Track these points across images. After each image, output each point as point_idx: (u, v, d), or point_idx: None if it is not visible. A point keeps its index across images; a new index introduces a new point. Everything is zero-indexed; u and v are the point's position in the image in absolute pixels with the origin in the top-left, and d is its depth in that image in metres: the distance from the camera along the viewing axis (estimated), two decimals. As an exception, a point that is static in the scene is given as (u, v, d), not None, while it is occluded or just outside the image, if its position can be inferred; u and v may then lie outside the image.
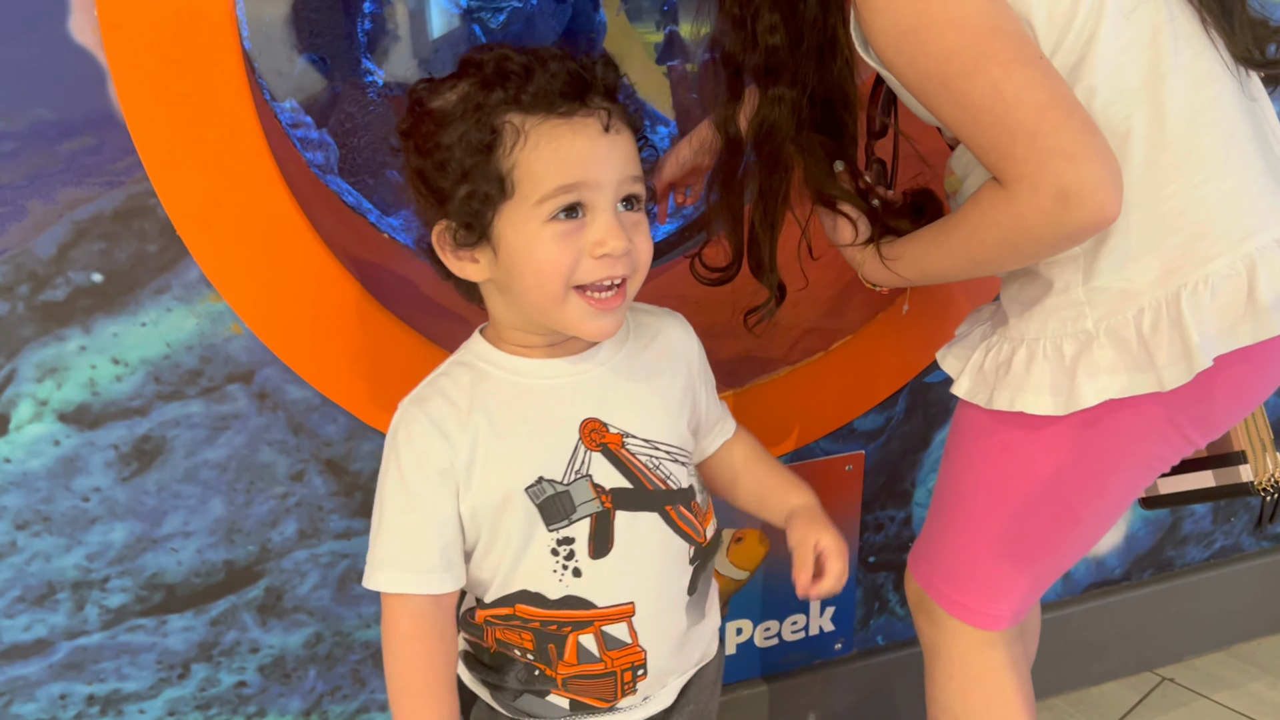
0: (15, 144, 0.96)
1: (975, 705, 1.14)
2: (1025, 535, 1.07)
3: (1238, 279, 0.92)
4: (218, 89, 0.99)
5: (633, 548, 0.92)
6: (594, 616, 0.92)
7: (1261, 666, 1.77)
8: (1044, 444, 1.01)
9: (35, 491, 1.07)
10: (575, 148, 0.84)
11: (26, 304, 1.01)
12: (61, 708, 1.15)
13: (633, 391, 0.95)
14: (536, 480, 0.89)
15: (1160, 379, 0.93)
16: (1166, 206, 0.93)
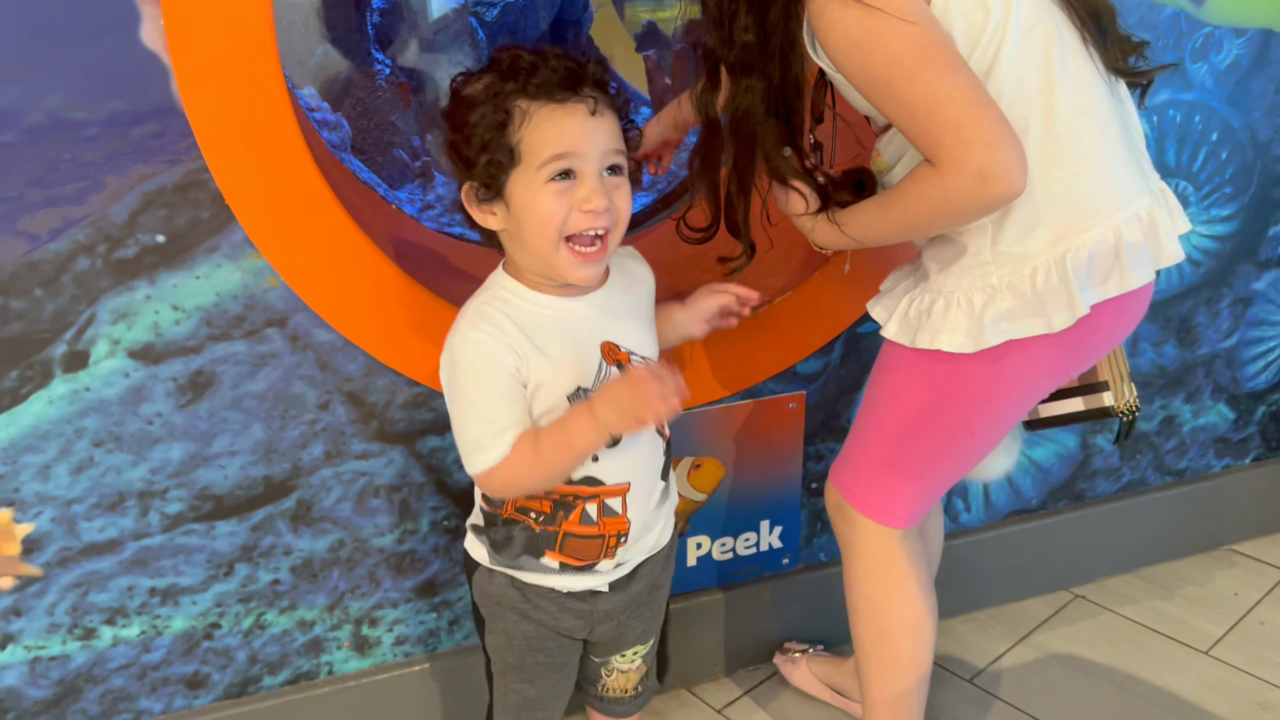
0: (96, 130, 1.18)
1: (883, 589, 1.38)
2: (931, 447, 1.31)
3: (1108, 244, 1.15)
4: (259, 85, 1.21)
5: (634, 440, 1.16)
6: (601, 492, 1.17)
7: (1163, 586, 2.00)
8: (955, 375, 1.24)
9: (109, 416, 1.30)
10: (567, 125, 1.07)
11: (104, 260, 1.23)
12: (129, 597, 1.38)
13: (628, 319, 1.20)
14: (576, 390, 1.13)
15: (1050, 322, 1.16)
16: (1056, 188, 1.15)
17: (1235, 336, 1.92)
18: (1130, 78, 1.24)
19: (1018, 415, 1.33)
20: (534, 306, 1.14)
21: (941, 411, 1.28)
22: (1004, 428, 1.32)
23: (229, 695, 1.48)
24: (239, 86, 1.20)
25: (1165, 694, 1.72)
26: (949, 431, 1.29)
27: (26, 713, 1.38)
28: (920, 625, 1.39)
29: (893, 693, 1.41)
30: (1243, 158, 1.77)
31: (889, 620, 1.39)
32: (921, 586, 1.38)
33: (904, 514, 1.34)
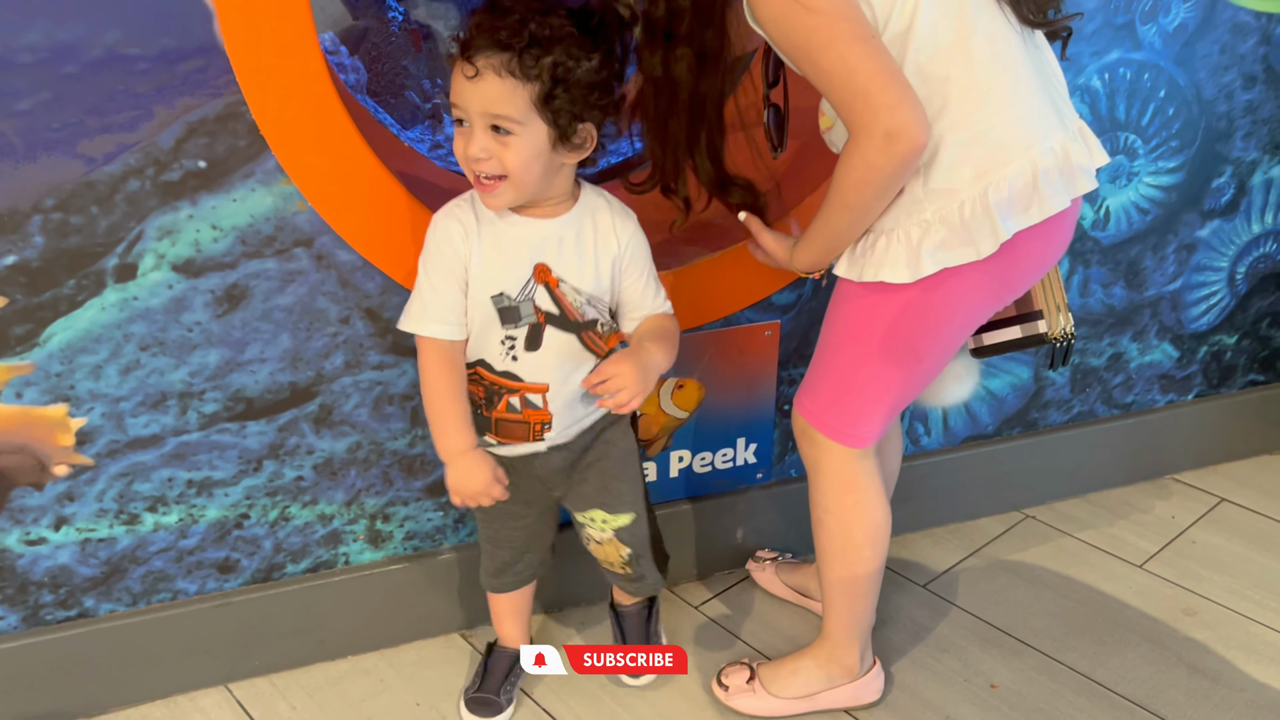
0: (147, 65, 1.33)
1: (848, 504, 1.54)
2: (883, 372, 1.45)
3: (1025, 176, 1.30)
4: (291, 27, 1.35)
5: (552, 351, 1.39)
6: (519, 387, 1.41)
7: (1107, 509, 2.17)
8: (898, 304, 1.38)
9: (154, 323, 1.45)
10: (455, 82, 1.27)
11: (152, 182, 1.38)
12: (169, 487, 1.55)
13: (574, 252, 1.37)
14: (500, 293, 1.35)
15: (978, 249, 1.30)
16: (976, 129, 1.29)
17: (1180, 281, 2.08)
18: (1046, 27, 1.35)
19: (959, 339, 1.46)
20: (496, 218, 1.35)
21: (890, 339, 1.42)
22: (948, 352, 1.47)
23: (256, 580, 1.65)
24: (273, 28, 1.34)
25: (1100, 599, 1.90)
26: (898, 357, 1.43)
27: (77, 589, 1.55)
28: (878, 533, 1.55)
29: (852, 592, 1.58)
30: (1188, 114, 1.92)
31: (852, 530, 1.55)
32: (880, 499, 1.54)
33: (863, 434, 1.49)
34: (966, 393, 2.00)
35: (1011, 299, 1.44)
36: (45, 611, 1.55)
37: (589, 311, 1.40)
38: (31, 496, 1.48)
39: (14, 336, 1.39)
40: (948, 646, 1.78)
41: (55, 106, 1.31)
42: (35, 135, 1.31)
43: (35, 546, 1.51)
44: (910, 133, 1.20)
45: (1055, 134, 1.32)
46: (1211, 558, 2.02)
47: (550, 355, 1.39)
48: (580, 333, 1.40)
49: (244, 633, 1.66)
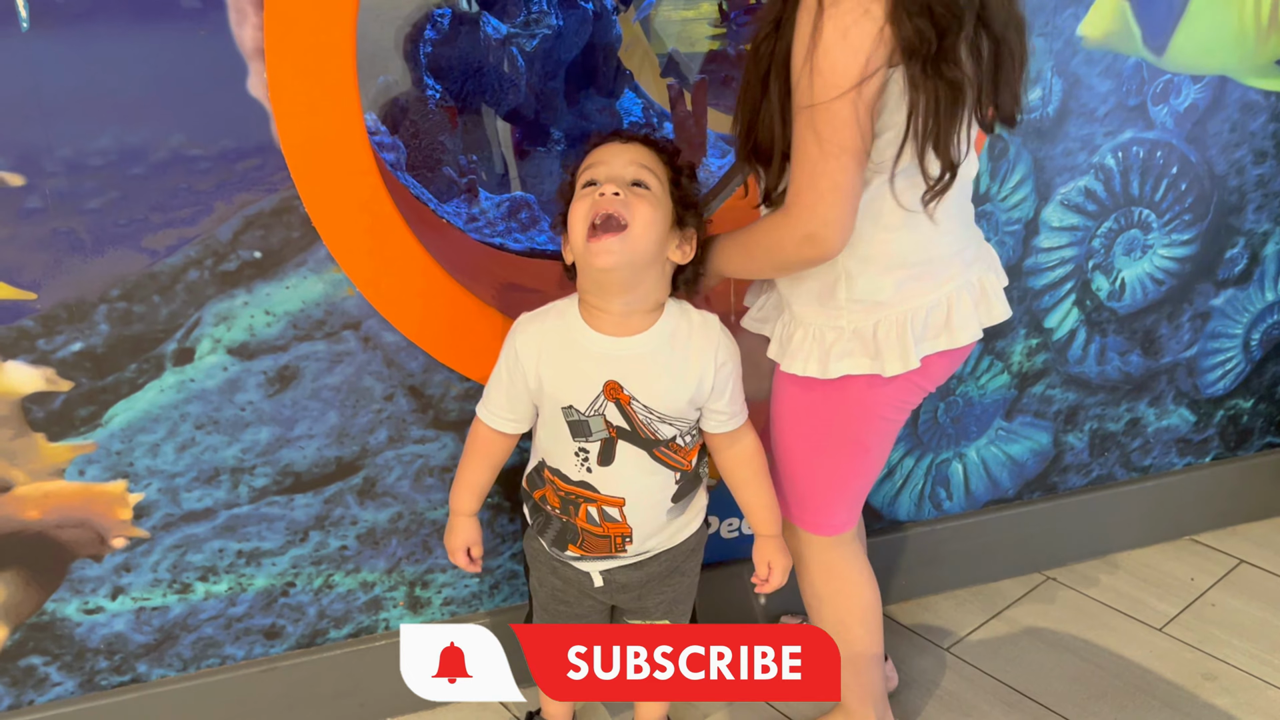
0: (209, 164, 1.41)
1: (834, 589, 1.59)
2: (832, 463, 1.49)
3: (942, 308, 1.36)
4: (343, 128, 1.43)
5: (627, 465, 1.39)
6: (596, 498, 1.41)
7: (1126, 570, 2.21)
8: (819, 399, 1.43)
9: (209, 403, 1.53)
10: (599, 151, 1.36)
11: (210, 272, 1.46)
12: (220, 558, 1.62)
13: (649, 373, 1.36)
14: (569, 406, 1.36)
15: (884, 369, 1.36)
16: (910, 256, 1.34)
17: (1195, 348, 2.13)
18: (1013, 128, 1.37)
19: (892, 429, 1.50)
20: (571, 329, 1.37)
21: (828, 432, 1.47)
22: (887, 439, 1.51)
23: (300, 645, 1.71)
24: (326, 129, 1.42)
25: (1120, 663, 1.93)
26: (842, 448, 1.48)
27: (131, 655, 1.62)
28: (868, 613, 1.59)
29: (855, 668, 1.60)
30: (1200, 189, 1.97)
31: (841, 613, 1.59)
32: (864, 581, 1.59)
33: (835, 523, 1.54)
34: None
35: (932, 388, 1.47)
36: (100, 677, 1.62)
37: (663, 430, 1.38)
38: (91, 568, 1.55)
39: (78, 418, 1.47)
40: (970, 711, 1.82)
41: (122, 204, 1.39)
42: (103, 231, 1.39)
43: (93, 615, 1.58)
44: (826, 248, 1.27)
45: (974, 266, 1.39)
46: (1231, 621, 2.05)
47: (625, 469, 1.39)
48: (652, 449, 1.39)
49: (289, 696, 1.72)
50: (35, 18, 1.28)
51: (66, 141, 1.35)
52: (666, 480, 1.42)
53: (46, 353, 1.43)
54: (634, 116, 2.85)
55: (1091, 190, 1.89)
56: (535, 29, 2.28)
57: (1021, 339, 1.97)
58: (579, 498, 1.41)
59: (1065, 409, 2.08)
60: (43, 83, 1.31)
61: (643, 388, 1.36)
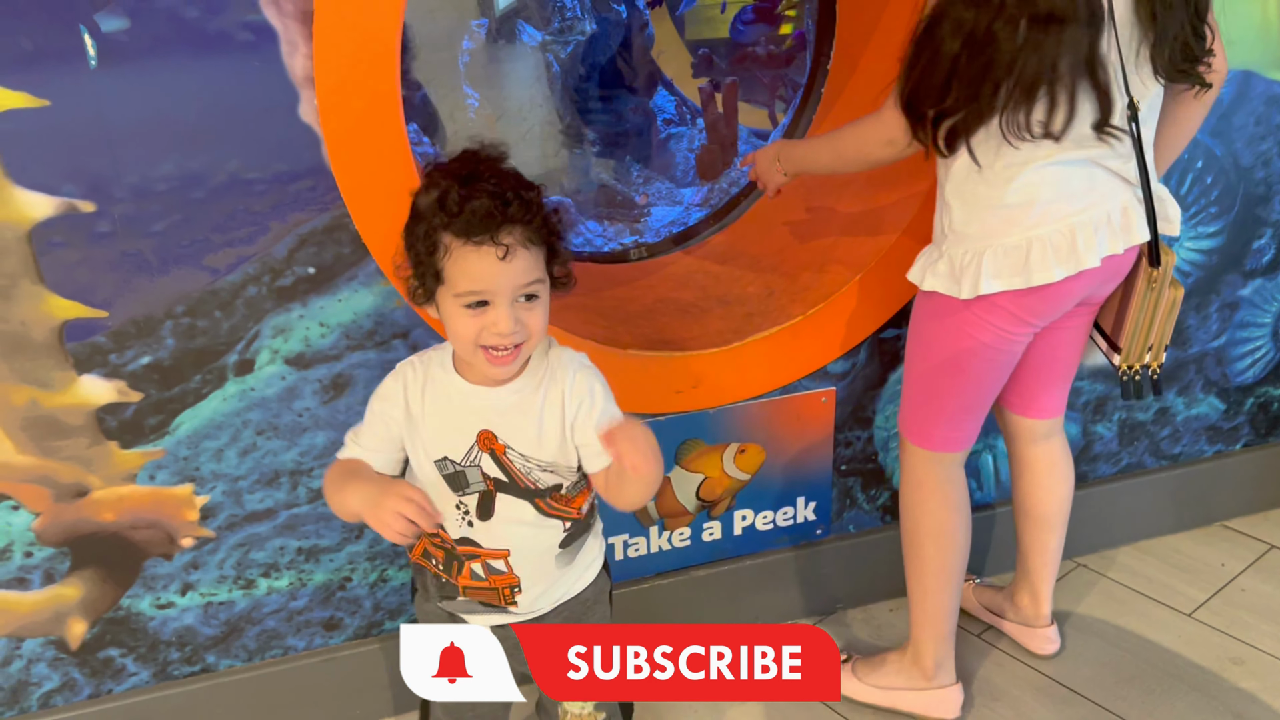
0: (264, 186, 1.50)
1: (915, 499, 1.76)
2: (935, 379, 1.66)
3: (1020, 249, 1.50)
4: (389, 149, 1.51)
5: (508, 517, 1.32)
6: (480, 553, 1.34)
7: (1157, 557, 2.25)
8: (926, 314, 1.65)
9: (269, 410, 1.62)
10: (480, 268, 1.19)
11: (268, 288, 1.55)
12: (281, 555, 1.71)
13: (522, 420, 1.30)
14: (443, 458, 1.30)
15: (959, 291, 1.55)
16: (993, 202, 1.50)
17: (1224, 338, 2.16)
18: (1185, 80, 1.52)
19: (997, 355, 1.61)
20: (444, 379, 1.31)
21: (928, 347, 1.65)
22: (990, 368, 1.63)
23: (358, 636, 1.81)
24: (374, 151, 1.50)
25: (1149, 648, 1.98)
26: (941, 366, 1.64)
27: (200, 647, 1.72)
28: (941, 531, 1.73)
29: (921, 588, 1.76)
30: (1226, 182, 2.00)
31: (916, 524, 1.75)
32: (947, 504, 1.72)
33: (935, 439, 1.69)
34: None
35: (1035, 329, 1.60)
36: (172, 667, 1.72)
37: (545, 479, 1.32)
38: (162, 566, 1.65)
39: (148, 426, 1.57)
40: (1000, 695, 1.88)
41: (185, 227, 1.48)
42: (168, 252, 1.48)
43: (164, 610, 1.68)
44: (895, 149, 1.54)
45: (1084, 210, 1.49)
46: (1261, 606, 2.09)
47: (507, 522, 1.32)
48: (534, 500, 1.32)
49: (348, 684, 1.81)
50: (102, 55, 1.37)
51: (133, 169, 1.44)
52: (554, 529, 1.35)
53: (118, 366, 1.52)
54: (667, 114, 2.92)
55: (1117, 186, 1.92)
56: (569, 35, 2.35)
57: (1049, 332, 2.01)
58: (464, 555, 1.35)
59: (1094, 400, 2.12)
60: (110, 115, 1.40)
61: (516, 436, 1.30)
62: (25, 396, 1.49)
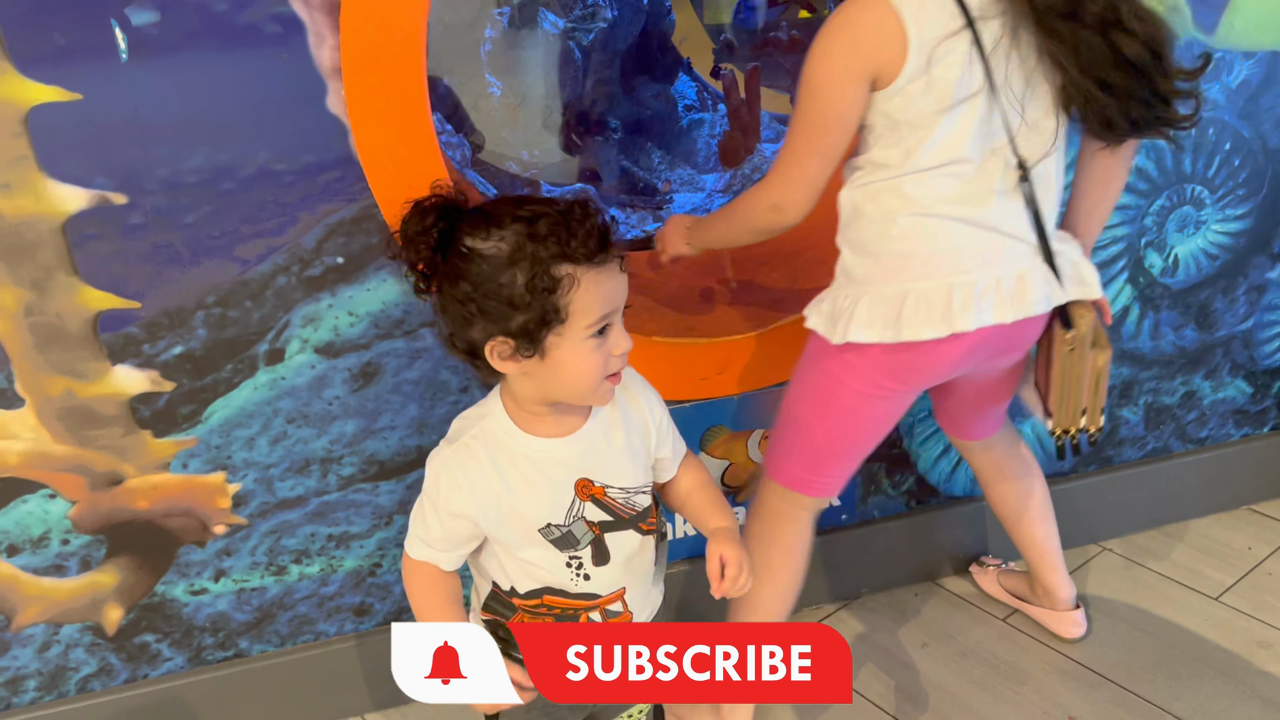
0: (293, 177, 1.51)
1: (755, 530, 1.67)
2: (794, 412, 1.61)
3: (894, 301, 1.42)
4: (416, 139, 1.52)
5: (620, 553, 1.24)
6: (599, 602, 1.26)
7: (1183, 541, 2.24)
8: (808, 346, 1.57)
9: (299, 399, 1.64)
10: (609, 287, 1.11)
11: (297, 278, 1.57)
12: (312, 542, 1.73)
13: (611, 452, 1.22)
14: (546, 525, 1.19)
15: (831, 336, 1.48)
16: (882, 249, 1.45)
17: (1251, 320, 2.15)
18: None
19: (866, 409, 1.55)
20: (518, 445, 1.19)
21: (799, 380, 1.60)
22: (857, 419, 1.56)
23: (387, 621, 1.83)
24: (400, 140, 1.51)
25: (1175, 632, 1.98)
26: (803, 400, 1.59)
27: (234, 632, 1.75)
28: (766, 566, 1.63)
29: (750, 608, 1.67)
30: (1254, 164, 1.99)
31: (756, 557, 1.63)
32: (781, 542, 1.65)
33: (787, 474, 1.62)
34: None
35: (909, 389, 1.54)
36: (207, 653, 1.75)
37: (641, 501, 1.25)
38: (195, 553, 1.68)
39: (180, 416, 1.59)
40: (1027, 679, 1.88)
41: (215, 218, 1.50)
42: (199, 244, 1.50)
43: (198, 596, 1.70)
44: (786, 219, 1.46)
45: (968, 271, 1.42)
46: (1288, 589, 2.09)
47: (620, 558, 1.24)
48: (637, 525, 1.26)
49: (378, 668, 1.84)
50: (133, 50, 1.38)
51: (163, 162, 1.45)
52: (650, 547, 1.29)
53: (151, 356, 1.54)
54: (689, 100, 2.91)
55: (1143, 169, 1.91)
56: (591, 23, 2.35)
57: (1074, 317, 2.00)
58: (580, 610, 1.26)
59: (1119, 384, 2.12)
60: (141, 109, 1.42)
61: (611, 472, 1.23)
62: (61, 387, 1.51)
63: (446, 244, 1.11)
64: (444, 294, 1.13)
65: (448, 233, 1.11)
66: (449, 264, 1.11)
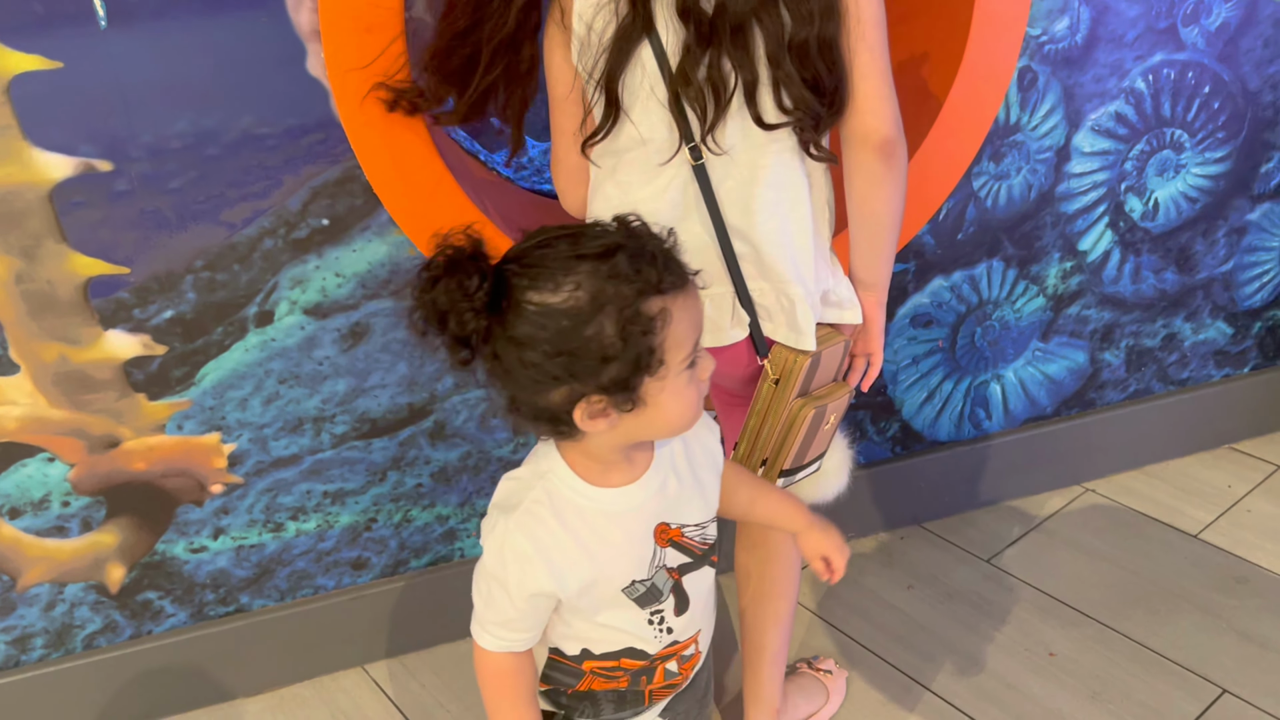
0: (276, 141, 1.52)
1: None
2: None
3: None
4: (398, 99, 1.53)
5: (697, 594, 1.13)
6: (677, 650, 1.16)
7: (1165, 480, 2.28)
8: None
9: (290, 359, 1.66)
10: (696, 312, 0.98)
11: (284, 240, 1.58)
12: (307, 499, 1.77)
13: (682, 495, 1.10)
14: (631, 583, 1.08)
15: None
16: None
17: (1231, 262, 2.17)
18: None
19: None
20: (588, 503, 1.05)
21: None
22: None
23: (384, 574, 1.87)
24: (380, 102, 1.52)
25: (1155, 569, 2.03)
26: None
27: (234, 588, 1.79)
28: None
29: None
30: (1234, 107, 2.00)
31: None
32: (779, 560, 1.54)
33: None
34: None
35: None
36: (208, 608, 1.79)
37: (710, 534, 1.15)
38: (193, 512, 1.71)
39: (174, 378, 1.61)
40: (1007, 618, 1.93)
41: (201, 183, 1.51)
42: (186, 209, 1.52)
43: (198, 554, 1.74)
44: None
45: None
46: (1266, 526, 2.13)
47: (697, 600, 1.14)
48: (709, 560, 1.15)
49: (376, 621, 1.88)
50: (112, 17, 1.39)
51: (148, 128, 1.46)
52: (712, 580, 1.18)
53: (142, 321, 1.57)
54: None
55: (1123, 114, 1.93)
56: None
57: (1056, 262, 2.03)
58: (656, 661, 1.15)
59: (1101, 328, 2.14)
60: (123, 76, 1.43)
61: (686, 511, 1.12)
62: (55, 353, 1.54)
63: (496, 302, 0.94)
64: (503, 360, 0.95)
65: (496, 290, 0.93)
66: (507, 324, 0.93)
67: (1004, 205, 1.93)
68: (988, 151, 1.86)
